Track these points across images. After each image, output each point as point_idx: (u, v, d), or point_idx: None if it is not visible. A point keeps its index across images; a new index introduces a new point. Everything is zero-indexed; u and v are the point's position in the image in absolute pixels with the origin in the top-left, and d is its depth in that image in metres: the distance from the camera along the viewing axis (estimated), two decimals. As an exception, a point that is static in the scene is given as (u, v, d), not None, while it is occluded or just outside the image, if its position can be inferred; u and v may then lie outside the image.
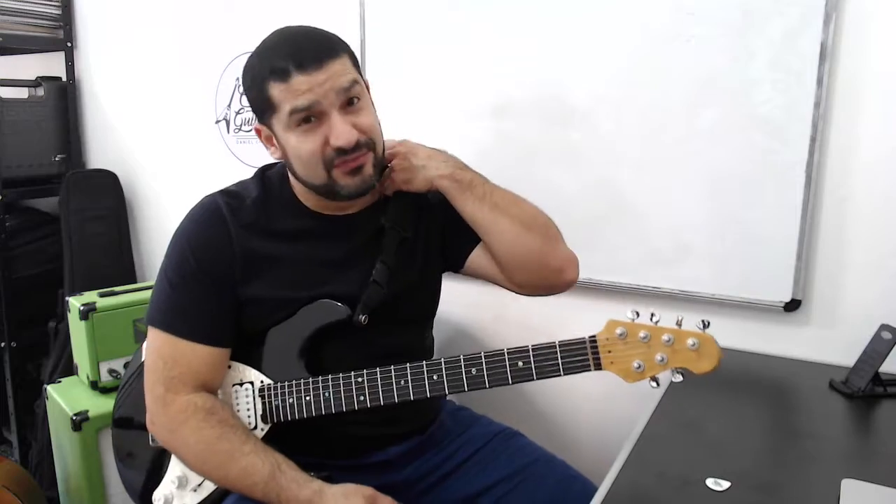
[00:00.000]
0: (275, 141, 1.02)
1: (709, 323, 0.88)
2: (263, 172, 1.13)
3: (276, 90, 0.95)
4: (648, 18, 1.28)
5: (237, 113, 1.95)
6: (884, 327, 1.05)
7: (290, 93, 0.94)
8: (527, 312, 1.52)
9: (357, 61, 1.04)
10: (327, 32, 1.01)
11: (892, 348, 1.03)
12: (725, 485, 0.81)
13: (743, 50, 1.21)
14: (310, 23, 1.08)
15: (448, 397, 1.28)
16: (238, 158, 1.96)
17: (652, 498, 0.80)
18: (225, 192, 1.09)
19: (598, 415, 1.48)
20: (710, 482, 0.81)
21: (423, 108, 1.56)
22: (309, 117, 0.96)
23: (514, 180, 1.45)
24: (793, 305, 1.23)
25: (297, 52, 0.95)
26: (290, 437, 1.06)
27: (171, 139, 2.15)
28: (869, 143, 1.16)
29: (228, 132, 1.97)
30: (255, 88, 0.99)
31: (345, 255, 1.09)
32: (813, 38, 1.15)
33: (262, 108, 0.99)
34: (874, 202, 1.16)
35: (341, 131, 0.96)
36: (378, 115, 1.05)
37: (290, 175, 1.08)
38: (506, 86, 1.45)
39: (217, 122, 1.99)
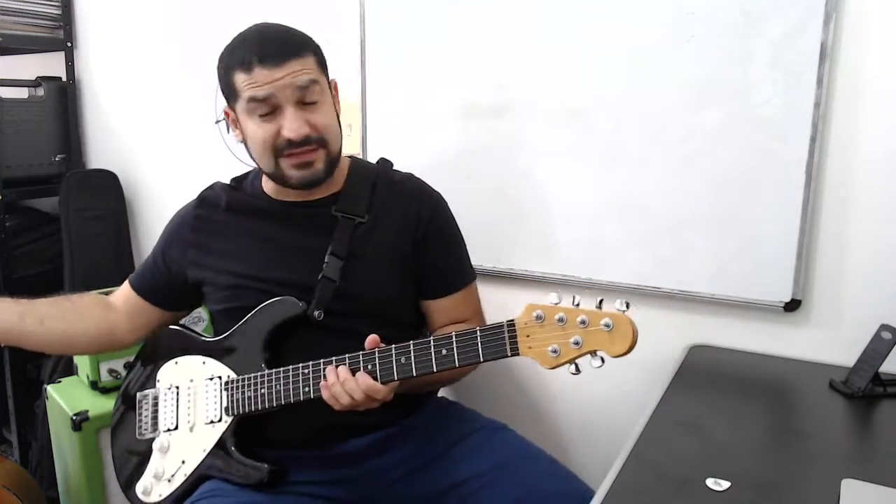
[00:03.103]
0: (238, 125, 1.13)
1: (629, 304, 0.85)
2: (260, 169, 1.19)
3: (239, 79, 1.06)
4: (648, 18, 1.28)
5: (237, 113, 1.94)
6: (884, 327, 1.05)
7: (251, 83, 1.05)
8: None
9: (324, 62, 1.13)
10: (298, 32, 1.11)
11: (892, 348, 1.03)
12: (725, 485, 0.81)
13: (743, 50, 1.21)
14: (310, 23, 1.10)
15: (440, 393, 1.28)
16: (238, 158, 1.96)
17: (652, 498, 0.80)
18: (218, 183, 1.29)
19: (598, 414, 1.48)
20: (710, 482, 0.81)
21: (423, 108, 1.56)
22: (266, 111, 1.06)
23: (514, 180, 1.47)
24: (793, 305, 1.23)
25: (262, 47, 1.06)
26: (259, 430, 1.11)
27: (171, 139, 2.15)
28: (869, 143, 1.15)
29: (228, 132, 1.95)
30: (223, 75, 1.10)
31: (297, 240, 1.14)
32: (813, 38, 1.15)
33: (228, 94, 1.11)
34: (875, 202, 1.16)
35: (292, 124, 1.05)
36: (337, 117, 1.13)
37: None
38: (506, 85, 1.45)
39: (217, 122, 1.99)
